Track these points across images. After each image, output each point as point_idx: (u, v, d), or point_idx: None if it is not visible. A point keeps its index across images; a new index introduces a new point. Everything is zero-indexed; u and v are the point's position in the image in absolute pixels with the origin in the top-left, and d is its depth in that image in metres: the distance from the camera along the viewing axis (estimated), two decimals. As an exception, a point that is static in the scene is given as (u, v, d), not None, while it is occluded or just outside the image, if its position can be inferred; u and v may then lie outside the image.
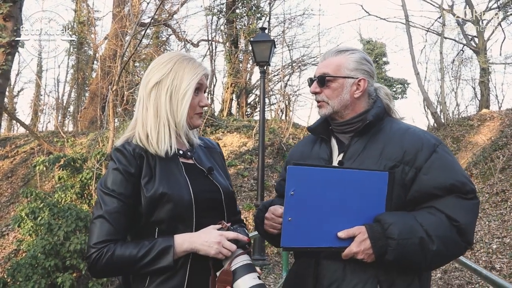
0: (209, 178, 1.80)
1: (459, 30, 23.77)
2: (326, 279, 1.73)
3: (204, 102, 1.81)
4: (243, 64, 21.88)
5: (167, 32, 23.28)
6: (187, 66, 1.76)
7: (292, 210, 1.61)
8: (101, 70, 18.51)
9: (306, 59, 23.48)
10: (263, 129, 9.07)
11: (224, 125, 17.37)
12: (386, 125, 1.88)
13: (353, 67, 1.89)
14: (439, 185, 1.69)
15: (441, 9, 23.35)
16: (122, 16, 17.38)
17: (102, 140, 13.73)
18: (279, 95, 22.93)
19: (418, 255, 1.62)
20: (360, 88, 1.88)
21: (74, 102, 23.96)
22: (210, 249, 1.59)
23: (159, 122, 1.73)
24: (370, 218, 1.68)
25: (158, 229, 1.65)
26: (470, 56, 24.66)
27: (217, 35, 21.92)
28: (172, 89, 1.73)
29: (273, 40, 9.67)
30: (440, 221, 1.65)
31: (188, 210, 1.66)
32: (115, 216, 1.60)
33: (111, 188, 1.62)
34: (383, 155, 1.76)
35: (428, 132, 1.92)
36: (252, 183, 13.13)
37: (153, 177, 1.66)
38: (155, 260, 1.57)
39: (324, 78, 1.88)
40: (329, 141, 1.95)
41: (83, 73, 23.61)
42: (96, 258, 1.56)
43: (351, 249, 1.63)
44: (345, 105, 1.88)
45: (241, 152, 15.22)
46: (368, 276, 1.68)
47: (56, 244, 7.02)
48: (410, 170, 1.72)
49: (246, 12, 20.85)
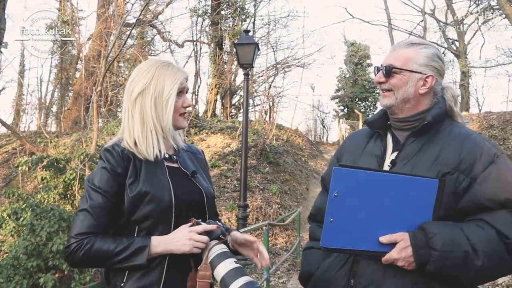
0: (192, 181, 1.88)
1: (441, 34, 24.15)
2: (365, 278, 1.70)
3: (187, 103, 1.90)
4: (227, 65, 21.96)
5: (152, 32, 23.26)
6: (167, 72, 1.84)
7: (334, 212, 1.59)
8: (85, 70, 18.42)
9: (291, 61, 23.65)
10: (246, 131, 9.17)
11: (208, 126, 17.43)
12: (446, 128, 1.79)
13: (423, 62, 1.80)
14: (493, 198, 1.60)
15: (423, 13, 23.72)
16: (107, 16, 17.32)
17: (86, 140, 13.68)
18: (263, 96, 23.05)
19: (460, 269, 1.56)
20: (427, 85, 1.79)
21: (57, 102, 23.80)
22: (184, 247, 1.67)
23: (146, 129, 1.81)
24: (415, 225, 1.62)
25: (138, 228, 1.73)
26: (451, 60, 25.05)
27: (202, 36, 21.97)
28: (156, 96, 1.81)
29: (257, 43, 9.76)
30: (489, 236, 1.57)
31: (168, 210, 1.74)
32: (98, 211, 1.69)
33: (97, 185, 1.71)
34: (438, 160, 1.68)
35: (490, 141, 1.80)
36: (235, 184, 13.22)
37: (137, 178, 1.74)
38: (130, 258, 1.65)
39: (390, 70, 1.81)
40: (385, 137, 1.89)
41: (67, 73, 23.45)
42: (75, 248, 1.65)
43: (392, 255, 1.59)
44: (407, 98, 1.80)
45: (225, 153, 15.30)
46: (407, 282, 1.63)
47: (39, 245, 7.00)
48: (465, 179, 1.64)
49: (231, 13, 20.93)
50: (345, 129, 30.26)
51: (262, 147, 15.88)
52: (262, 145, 15.90)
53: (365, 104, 33.13)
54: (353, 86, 32.52)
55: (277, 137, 18.98)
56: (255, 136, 16.45)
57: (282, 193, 14.24)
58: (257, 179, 14.13)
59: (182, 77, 1.86)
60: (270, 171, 15.25)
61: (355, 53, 32.67)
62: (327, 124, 38.47)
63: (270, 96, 22.14)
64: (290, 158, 17.88)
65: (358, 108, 31.87)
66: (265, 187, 13.94)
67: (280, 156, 17.12)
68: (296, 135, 21.87)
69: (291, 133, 21.37)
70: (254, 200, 12.74)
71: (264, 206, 12.74)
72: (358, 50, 32.77)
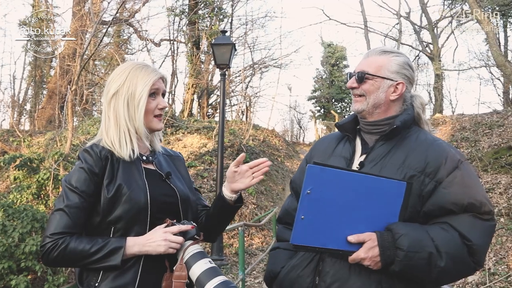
0: (167, 182, 1.90)
1: (416, 37, 24.55)
2: (330, 276, 1.73)
3: (162, 104, 1.89)
4: (204, 65, 21.91)
5: (129, 31, 23.04)
6: (140, 73, 1.86)
7: (306, 209, 1.61)
8: (60, 68, 18.16)
9: (268, 61, 23.75)
10: (222, 131, 9.19)
11: (184, 126, 17.36)
12: (413, 134, 1.85)
13: (394, 70, 1.86)
14: (457, 202, 1.66)
15: (399, 16, 24.06)
16: (83, 14, 17.11)
17: (60, 140, 13.49)
18: (240, 96, 23.08)
19: (425, 270, 1.62)
20: (398, 92, 1.86)
21: (31, 100, 23.37)
22: (159, 247, 1.69)
23: (120, 130, 1.83)
24: (382, 226, 1.66)
25: (113, 229, 1.74)
26: (425, 62, 25.50)
27: (179, 36, 21.88)
28: (128, 97, 1.83)
29: (234, 43, 9.77)
30: (452, 238, 1.63)
31: (143, 211, 1.75)
32: (74, 211, 1.69)
33: (74, 185, 1.72)
34: (405, 163, 1.74)
35: (454, 147, 1.88)
36: (211, 184, 13.21)
37: (114, 178, 1.76)
38: (104, 258, 1.66)
39: (363, 76, 1.86)
40: (354, 140, 1.94)
41: (41, 71, 23.06)
42: (50, 248, 1.66)
43: (359, 254, 1.63)
44: (378, 104, 1.86)
45: (201, 153, 15.27)
46: (371, 281, 1.67)
47: (11, 246, 6.89)
48: (430, 182, 1.70)
49: (208, 13, 20.89)
50: (322, 129, 30.57)
51: (239, 147, 15.92)
52: (239, 145, 15.94)
53: (341, 105, 33.49)
54: (329, 87, 32.82)
55: (253, 137, 19.03)
56: (232, 136, 16.48)
57: (258, 193, 14.29)
58: (234, 179, 14.12)
59: (155, 78, 1.86)
60: (246, 172, 15.24)
61: (331, 55, 32.98)
62: (304, 124, 38.79)
63: (247, 96, 22.22)
64: (267, 158, 17.92)
65: (334, 109, 32.19)
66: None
67: (257, 156, 17.16)
68: (272, 136, 21.96)
69: (268, 134, 21.45)
70: (230, 200, 12.73)
71: (240, 206, 12.75)
72: (335, 51, 33.10)
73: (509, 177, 10.57)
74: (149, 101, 1.85)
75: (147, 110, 1.85)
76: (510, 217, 9.06)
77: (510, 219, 9.00)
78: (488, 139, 13.56)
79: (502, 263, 8.04)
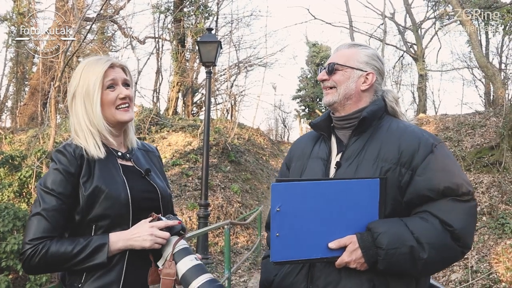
0: (147, 179, 1.87)
1: (400, 37, 24.77)
2: (321, 280, 1.72)
3: (123, 93, 1.83)
4: (189, 63, 21.82)
5: (113, 28, 22.81)
6: (91, 67, 1.81)
7: (279, 226, 1.60)
8: (42, 64, 17.90)
9: (253, 60, 23.74)
10: (208, 129, 9.15)
11: (169, 124, 17.27)
12: (385, 124, 1.84)
13: (363, 60, 1.88)
14: (433, 187, 1.65)
15: (383, 16, 24.25)
16: (66, 10, 16.88)
17: (43, 137, 13.32)
18: (225, 95, 23.04)
19: (408, 264, 1.60)
20: (368, 82, 1.87)
21: (12, 96, 22.99)
22: (144, 242, 1.66)
23: (82, 130, 1.79)
24: (363, 226, 1.66)
25: (94, 227, 1.70)
26: (409, 63, 25.76)
27: (164, 33, 21.74)
28: (84, 95, 1.79)
29: (220, 41, 9.74)
30: (432, 227, 1.61)
31: (125, 208, 1.72)
32: (52, 214, 1.64)
33: (50, 188, 1.67)
34: (379, 156, 1.73)
35: (428, 132, 1.85)
36: (196, 182, 13.16)
37: (91, 176, 1.71)
38: (89, 257, 1.62)
39: (333, 67, 1.87)
40: (329, 139, 1.93)
41: (23, 67, 22.71)
42: (30, 254, 1.60)
43: (343, 258, 1.63)
44: (349, 94, 1.86)
45: (186, 152, 15.20)
46: (363, 280, 1.66)
47: (-8, 245, 6.78)
48: (407, 172, 1.68)
49: (194, 11, 20.80)
50: (306, 128, 30.64)
51: (224, 146, 15.88)
52: (224, 144, 15.90)
53: (325, 104, 33.57)
54: (314, 87, 32.95)
55: (238, 136, 19.01)
56: (217, 135, 16.43)
57: (243, 192, 14.29)
58: (219, 177, 14.12)
59: (104, 68, 1.80)
60: (231, 170, 15.26)
61: (316, 54, 33.11)
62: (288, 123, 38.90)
63: (232, 95, 22.18)
64: (252, 157, 17.95)
65: (319, 108, 32.31)
66: (226, 186, 13.94)
67: (242, 155, 17.16)
68: (257, 134, 21.99)
69: (253, 132, 21.47)
70: (215, 199, 12.73)
71: (225, 205, 12.75)
72: (320, 51, 33.23)
73: (491, 176, 10.72)
74: (108, 93, 1.81)
75: (107, 102, 1.81)
76: (492, 215, 9.19)
77: (492, 217, 9.13)
78: (471, 139, 13.76)
79: (484, 261, 8.15)
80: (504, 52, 22.83)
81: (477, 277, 7.81)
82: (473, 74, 24.55)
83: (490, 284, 7.64)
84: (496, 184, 10.28)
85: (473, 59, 21.13)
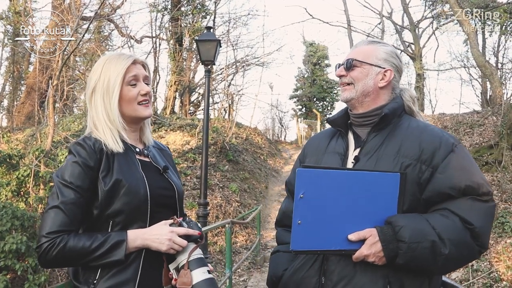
0: (164, 176, 1.86)
1: (397, 37, 24.81)
2: (335, 274, 1.70)
3: (145, 89, 1.83)
4: (187, 63, 21.77)
5: (110, 27, 22.73)
6: (113, 63, 1.80)
7: (302, 213, 1.59)
8: (39, 64, 17.82)
9: (250, 59, 23.71)
10: (207, 128, 9.10)
11: (167, 123, 17.23)
12: (405, 122, 1.84)
13: (382, 57, 1.87)
14: (454, 186, 1.65)
15: (381, 15, 24.29)
16: (63, 9, 16.80)
17: (41, 136, 13.24)
18: (223, 94, 23.02)
19: (429, 259, 1.60)
20: (386, 79, 1.86)
21: (9, 96, 22.88)
22: (161, 245, 1.64)
23: (101, 124, 1.77)
24: (382, 220, 1.65)
25: (112, 223, 1.67)
26: (407, 62, 25.80)
27: (161, 33, 21.67)
28: (104, 90, 1.78)
29: (219, 40, 9.68)
30: (453, 224, 1.61)
31: (144, 204, 1.70)
32: (70, 207, 1.61)
33: (69, 180, 1.63)
34: (400, 152, 1.72)
35: (447, 132, 1.87)
36: (195, 181, 13.12)
37: (110, 170, 1.69)
38: (107, 254, 1.59)
39: (351, 63, 1.87)
40: (346, 135, 1.92)
41: (19, 66, 22.61)
42: (47, 248, 1.57)
43: (362, 251, 1.62)
44: (367, 91, 1.86)
45: (184, 151, 15.16)
46: (378, 276, 1.65)
47: (-10, 245, 6.74)
48: (427, 169, 1.68)
49: (191, 10, 20.76)
50: (303, 128, 30.66)
51: (222, 145, 15.84)
52: (222, 143, 15.85)
53: (323, 104, 33.70)
54: (311, 86, 32.99)
55: (236, 135, 18.98)
56: (215, 134, 16.40)
57: (241, 191, 14.26)
58: (217, 177, 14.08)
59: (127, 64, 1.80)
60: (229, 169, 15.23)
61: (313, 53, 33.15)
62: (286, 123, 38.86)
63: (229, 94, 22.15)
64: (250, 157, 17.92)
65: (316, 107, 32.37)
66: (225, 185, 13.91)
67: (240, 154, 17.13)
68: (255, 134, 21.97)
69: (250, 132, 21.45)
70: (214, 198, 12.69)
71: (224, 204, 12.71)
72: (317, 50, 33.28)
73: (490, 175, 10.74)
74: (129, 89, 1.80)
75: (128, 98, 1.80)
76: (492, 214, 9.19)
77: (492, 216, 9.12)
78: (469, 138, 13.80)
79: (484, 260, 8.16)
80: (500, 52, 22.87)
81: (478, 276, 7.81)
82: (470, 74, 24.59)
83: (491, 282, 7.65)
84: (495, 183, 10.30)
85: (470, 58, 21.20)
